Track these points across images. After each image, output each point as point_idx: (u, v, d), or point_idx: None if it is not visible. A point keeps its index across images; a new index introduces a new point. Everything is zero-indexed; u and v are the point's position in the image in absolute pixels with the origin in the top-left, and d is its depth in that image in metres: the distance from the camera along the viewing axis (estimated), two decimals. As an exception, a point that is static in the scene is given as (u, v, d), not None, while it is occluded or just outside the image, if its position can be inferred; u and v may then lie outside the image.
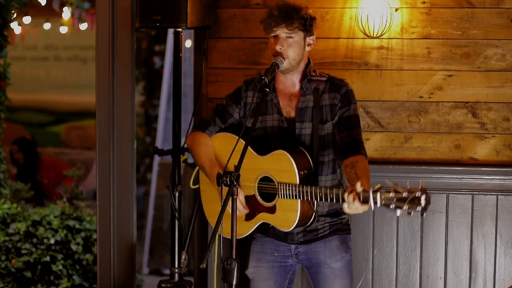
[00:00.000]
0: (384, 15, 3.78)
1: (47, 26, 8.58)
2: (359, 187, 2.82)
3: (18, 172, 7.99)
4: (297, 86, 3.28)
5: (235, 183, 2.78)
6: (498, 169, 3.85)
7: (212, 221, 3.48)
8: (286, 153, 3.09)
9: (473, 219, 3.87)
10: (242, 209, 3.19)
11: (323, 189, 2.97)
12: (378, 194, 2.73)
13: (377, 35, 3.82)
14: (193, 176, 3.64)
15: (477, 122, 3.91)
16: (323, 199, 2.97)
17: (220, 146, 3.36)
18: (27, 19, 7.63)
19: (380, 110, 3.95)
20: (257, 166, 3.17)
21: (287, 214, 3.12)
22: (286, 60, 3.17)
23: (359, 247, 3.92)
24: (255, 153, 3.20)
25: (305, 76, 3.26)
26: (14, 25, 7.07)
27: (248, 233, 3.28)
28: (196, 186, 3.56)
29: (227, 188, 2.81)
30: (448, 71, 3.90)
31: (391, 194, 2.70)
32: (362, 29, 3.83)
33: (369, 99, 3.95)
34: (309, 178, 3.12)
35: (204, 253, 3.33)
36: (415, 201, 2.66)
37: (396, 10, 3.88)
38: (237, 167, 2.83)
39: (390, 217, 3.89)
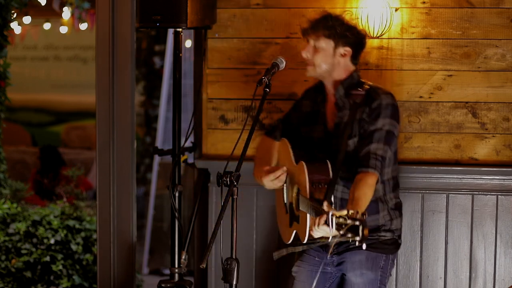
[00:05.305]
0: (384, 15, 3.78)
1: (47, 26, 8.57)
2: (326, 207, 2.74)
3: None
4: (334, 98, 3.31)
5: (235, 183, 2.77)
6: (498, 169, 3.85)
7: (279, 226, 3.48)
8: (304, 165, 3.09)
9: (473, 219, 3.87)
10: None
11: (310, 203, 2.95)
12: (334, 218, 2.58)
13: (377, 35, 3.82)
14: None
15: (477, 122, 3.91)
16: (312, 214, 2.94)
17: (282, 151, 3.41)
18: (27, 19, 7.62)
19: (380, 110, 3.95)
20: (294, 173, 3.22)
21: (303, 226, 3.10)
22: (313, 67, 3.25)
23: (359, 247, 3.92)
24: (293, 160, 3.24)
25: (347, 88, 3.25)
26: (14, 25, 7.05)
27: (289, 241, 3.28)
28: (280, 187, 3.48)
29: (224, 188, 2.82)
30: (448, 71, 3.90)
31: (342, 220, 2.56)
32: (362, 29, 3.82)
33: (369, 99, 3.95)
34: (322, 192, 3.06)
35: (204, 253, 3.33)
36: (353, 230, 2.52)
37: (396, 10, 3.88)
38: (237, 168, 2.83)
39: (390, 217, 3.88)
